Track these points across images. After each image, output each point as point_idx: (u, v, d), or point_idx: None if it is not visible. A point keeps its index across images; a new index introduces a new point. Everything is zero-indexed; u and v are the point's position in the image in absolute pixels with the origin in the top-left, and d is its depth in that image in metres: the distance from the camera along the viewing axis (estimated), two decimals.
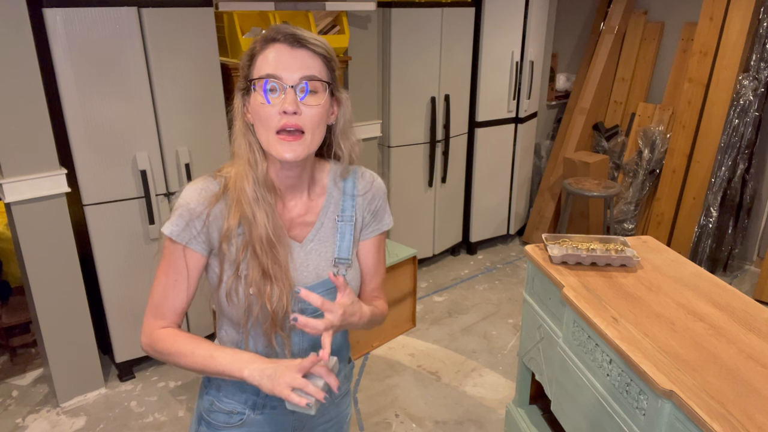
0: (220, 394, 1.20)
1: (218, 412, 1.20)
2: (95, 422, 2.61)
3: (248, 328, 1.11)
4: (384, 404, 2.73)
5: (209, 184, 1.10)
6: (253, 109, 1.06)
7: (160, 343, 1.09)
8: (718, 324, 1.66)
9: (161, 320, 1.11)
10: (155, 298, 1.11)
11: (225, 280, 1.10)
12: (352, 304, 1.06)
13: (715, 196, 3.85)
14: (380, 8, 3.37)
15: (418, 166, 3.80)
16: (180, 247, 1.09)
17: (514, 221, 4.49)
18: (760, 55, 3.70)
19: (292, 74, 1.03)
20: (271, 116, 1.03)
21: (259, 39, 1.07)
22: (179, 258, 1.09)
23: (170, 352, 1.08)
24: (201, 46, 2.66)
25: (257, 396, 1.18)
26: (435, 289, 3.84)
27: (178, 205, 1.09)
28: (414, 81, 3.59)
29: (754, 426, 1.26)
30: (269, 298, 1.07)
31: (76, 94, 2.41)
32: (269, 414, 1.20)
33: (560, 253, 2.01)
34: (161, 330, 1.10)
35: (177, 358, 1.08)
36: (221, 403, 1.20)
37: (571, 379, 1.84)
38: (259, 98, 1.04)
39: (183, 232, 1.08)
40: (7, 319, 2.97)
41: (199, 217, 1.08)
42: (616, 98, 4.54)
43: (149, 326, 1.12)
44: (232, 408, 1.19)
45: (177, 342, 1.08)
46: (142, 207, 2.68)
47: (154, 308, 1.12)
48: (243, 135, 1.09)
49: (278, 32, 1.04)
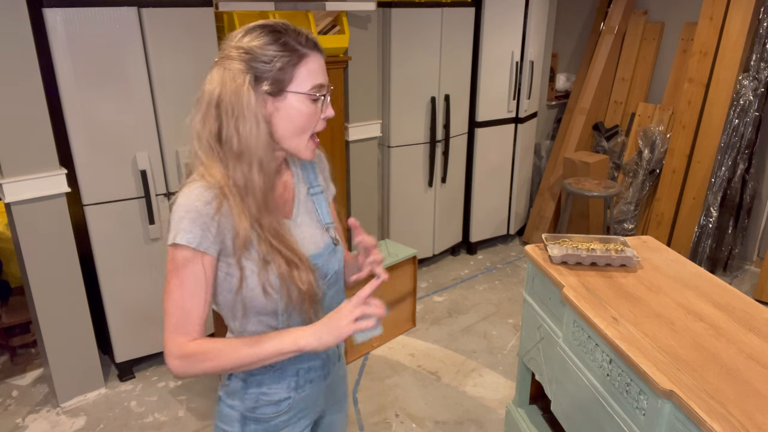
0: (263, 388, 1.21)
1: (266, 405, 1.22)
2: (95, 422, 2.61)
3: (288, 313, 1.14)
4: (384, 404, 2.73)
5: (205, 187, 1.07)
6: (288, 115, 1.09)
7: (195, 356, 1.06)
8: (718, 324, 1.66)
9: (186, 336, 1.07)
10: (176, 315, 1.07)
11: (252, 275, 1.09)
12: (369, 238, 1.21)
13: (715, 196, 3.85)
14: (380, 8, 3.37)
15: (418, 166, 3.80)
16: (199, 255, 1.06)
17: (514, 221, 4.49)
18: (760, 55, 3.70)
19: (327, 82, 1.13)
20: (313, 122, 1.11)
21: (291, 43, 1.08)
22: (197, 267, 1.06)
23: (210, 359, 1.06)
24: (201, 46, 2.66)
25: (297, 376, 1.22)
26: (435, 289, 3.84)
27: (185, 212, 1.05)
28: (414, 81, 3.59)
29: (754, 426, 1.26)
30: (299, 280, 1.11)
31: (76, 94, 2.41)
32: (309, 389, 1.25)
33: (560, 253, 2.01)
34: (191, 344, 1.07)
35: (220, 362, 1.06)
36: (268, 395, 1.21)
37: (571, 379, 1.84)
38: (306, 107, 1.09)
39: (200, 239, 1.05)
40: (7, 319, 2.97)
41: (213, 220, 1.06)
42: (616, 98, 4.54)
43: (176, 345, 1.06)
44: (279, 396, 1.22)
45: (215, 347, 1.06)
46: (142, 207, 2.68)
47: (174, 326, 1.07)
48: (261, 135, 1.08)
49: (309, 41, 1.10)
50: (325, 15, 3.12)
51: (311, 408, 1.29)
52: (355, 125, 3.45)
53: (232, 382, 1.22)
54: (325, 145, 3.28)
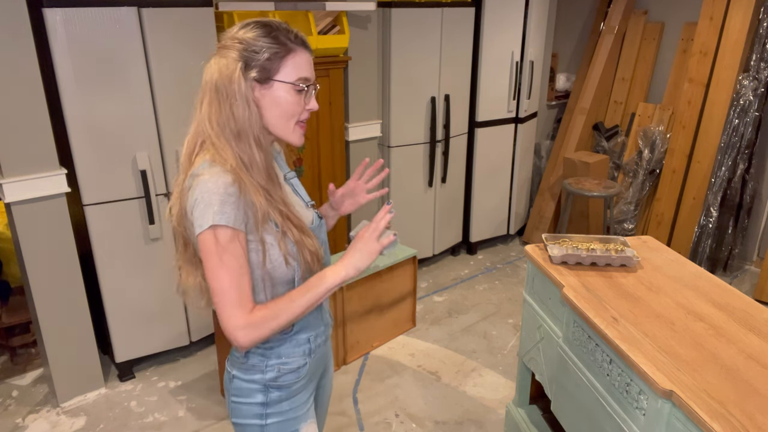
0: (283, 358, 1.32)
1: (287, 374, 1.33)
2: (95, 422, 2.61)
3: (303, 277, 1.26)
4: (384, 404, 2.73)
5: (223, 172, 1.16)
6: (276, 101, 1.21)
7: (260, 322, 1.17)
8: (718, 324, 1.66)
9: (245, 308, 1.17)
10: (231, 295, 1.15)
11: (272, 247, 1.21)
12: None
13: (715, 196, 3.85)
14: (380, 8, 3.37)
15: (418, 166, 3.80)
16: (237, 233, 1.15)
17: (514, 221, 4.49)
18: (760, 55, 3.70)
19: (313, 78, 1.25)
20: (297, 111, 1.23)
21: (281, 38, 1.20)
22: (240, 245, 1.16)
23: (274, 316, 1.17)
24: (201, 46, 2.66)
25: (309, 343, 1.36)
26: (435, 289, 3.84)
27: (217, 195, 1.13)
28: (414, 81, 3.59)
29: (754, 426, 1.26)
30: (309, 244, 1.25)
31: (76, 94, 2.41)
32: (318, 352, 1.40)
33: (560, 253, 2.01)
34: (252, 313, 1.17)
35: (282, 318, 1.18)
36: (288, 364, 1.33)
37: (571, 379, 1.84)
38: (291, 97, 1.21)
39: (235, 218, 1.14)
40: (7, 319, 2.97)
41: (240, 200, 1.15)
42: (616, 98, 4.54)
43: (240, 318, 1.15)
44: (298, 364, 1.34)
45: (275, 308, 1.18)
46: (142, 207, 2.68)
47: (235, 304, 1.15)
48: (253, 116, 1.19)
49: (298, 38, 1.22)
50: (325, 15, 3.12)
51: (318, 370, 1.45)
52: (355, 125, 3.45)
53: (249, 359, 1.32)
54: (325, 145, 3.29)
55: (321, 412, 1.60)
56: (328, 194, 1.53)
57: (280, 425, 1.36)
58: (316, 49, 2.98)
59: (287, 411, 1.36)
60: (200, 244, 1.16)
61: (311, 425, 1.41)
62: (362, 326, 3.08)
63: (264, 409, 1.34)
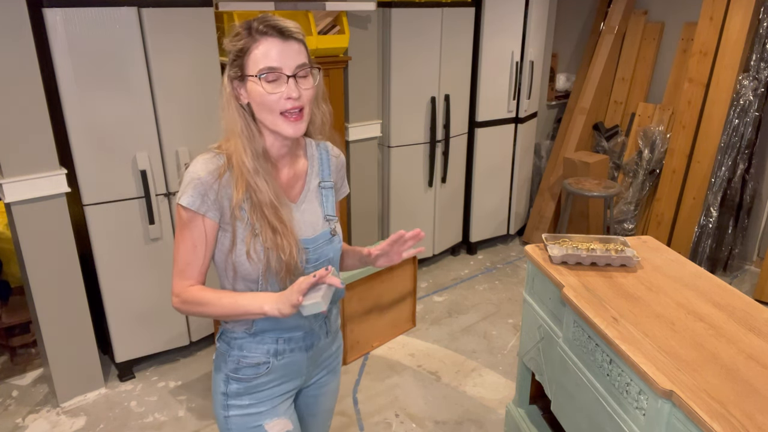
0: (244, 351, 1.35)
1: (246, 367, 1.35)
2: (95, 422, 2.61)
3: (266, 279, 1.27)
4: (384, 404, 2.73)
5: (214, 158, 1.25)
6: (253, 96, 1.22)
7: (190, 297, 1.26)
8: (718, 324, 1.66)
9: (188, 280, 1.27)
10: (179, 263, 1.27)
11: (241, 242, 1.25)
12: None
13: (715, 196, 3.85)
14: (380, 8, 3.37)
15: (418, 166, 3.80)
16: (198, 216, 1.23)
17: (514, 221, 4.49)
18: (760, 55, 3.70)
19: (289, 64, 1.20)
20: (275, 102, 1.21)
21: (244, 30, 1.21)
22: (197, 227, 1.24)
23: (200, 303, 1.25)
24: (201, 46, 2.66)
25: (276, 344, 1.35)
26: (435, 289, 3.84)
27: (190, 179, 1.23)
28: (414, 81, 3.59)
29: (754, 426, 1.26)
30: (282, 250, 1.25)
31: (76, 93, 2.41)
32: (289, 357, 1.38)
33: (560, 253, 2.01)
34: (190, 288, 1.27)
35: (206, 308, 1.25)
36: (248, 358, 1.35)
37: (571, 379, 1.84)
38: (261, 89, 1.20)
39: (200, 203, 1.22)
40: (7, 319, 2.97)
41: (212, 188, 1.22)
42: (616, 98, 4.54)
43: (178, 286, 1.27)
44: (258, 360, 1.35)
45: (205, 295, 1.25)
46: (142, 207, 2.68)
47: (179, 271, 1.27)
48: (238, 115, 1.24)
49: (266, 26, 1.19)
50: (325, 15, 3.12)
51: (294, 375, 1.42)
52: (355, 125, 3.45)
53: (220, 345, 1.39)
54: None
55: (316, 421, 1.58)
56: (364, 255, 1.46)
57: (241, 419, 1.38)
58: (316, 49, 2.98)
59: (248, 406, 1.37)
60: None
61: (279, 423, 1.40)
62: (362, 326, 3.08)
63: (225, 399, 1.38)
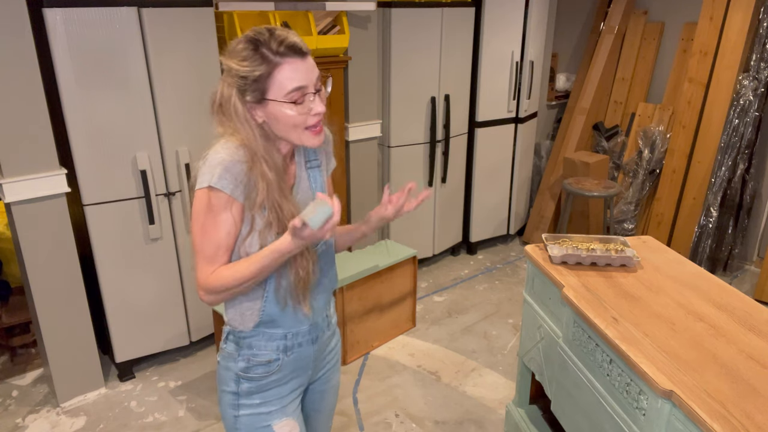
0: (254, 350, 1.35)
1: (257, 365, 1.36)
2: (95, 422, 2.61)
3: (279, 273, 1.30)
4: (384, 404, 2.73)
5: (238, 149, 1.22)
6: (277, 117, 1.22)
7: (215, 284, 1.25)
8: (718, 324, 1.66)
9: (213, 266, 1.26)
10: (208, 249, 1.24)
11: (257, 232, 1.26)
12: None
13: (715, 196, 3.85)
14: (380, 8, 3.37)
15: (418, 166, 3.80)
16: (231, 199, 1.21)
17: (514, 221, 4.49)
18: (760, 55, 3.70)
19: (312, 80, 1.22)
20: (301, 120, 1.23)
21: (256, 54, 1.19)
22: (226, 209, 1.22)
23: (227, 282, 1.24)
24: (201, 46, 2.66)
25: (285, 339, 1.36)
26: (435, 289, 3.84)
27: (219, 162, 1.20)
28: (414, 81, 3.59)
29: (754, 426, 1.26)
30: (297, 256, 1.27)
31: (76, 93, 2.41)
32: (297, 353, 1.39)
33: (560, 253, 2.01)
34: (212, 275, 1.25)
35: (236, 282, 1.24)
36: (258, 357, 1.36)
37: (571, 379, 1.84)
38: (289, 111, 1.21)
39: (233, 187, 1.21)
40: (7, 319, 2.97)
41: (242, 173, 1.21)
42: (616, 98, 4.54)
43: (202, 276, 1.26)
44: (269, 357, 1.36)
45: (228, 272, 1.24)
46: (142, 207, 2.68)
47: (207, 258, 1.25)
48: (258, 135, 1.24)
49: (284, 47, 1.19)
50: (325, 15, 3.12)
51: (301, 371, 1.43)
52: (355, 125, 3.45)
53: (227, 345, 1.38)
54: None
55: (320, 417, 1.59)
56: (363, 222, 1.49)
57: (251, 418, 1.38)
58: (316, 49, 2.98)
59: (258, 405, 1.37)
60: (195, 200, 1.23)
61: (287, 423, 1.41)
62: (362, 326, 3.08)
63: (236, 399, 1.37)
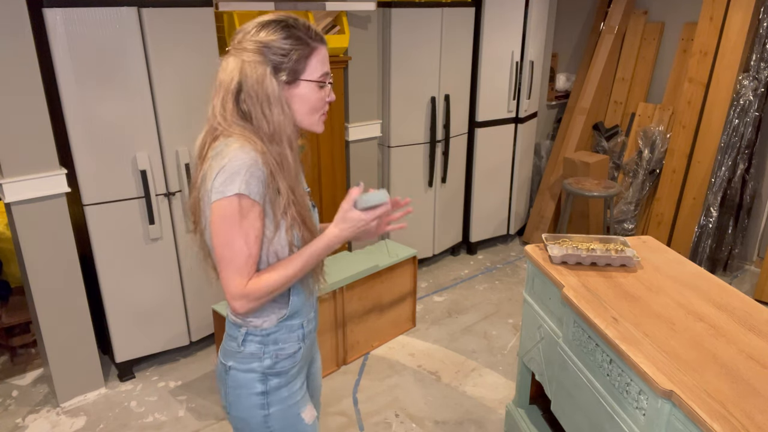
0: (280, 344, 1.36)
1: (284, 359, 1.37)
2: (95, 422, 2.61)
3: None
4: (384, 404, 2.73)
5: (252, 150, 1.20)
6: (304, 99, 1.27)
7: (258, 291, 1.23)
8: (718, 324, 1.66)
9: (246, 277, 1.22)
10: (238, 259, 1.20)
11: (281, 233, 1.26)
12: None
13: (715, 196, 3.85)
14: (380, 8, 3.37)
15: (418, 166, 3.80)
16: (256, 205, 1.20)
17: (514, 221, 4.49)
18: (760, 55, 3.70)
19: (329, 71, 1.31)
20: (321, 105, 1.30)
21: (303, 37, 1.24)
22: (255, 216, 1.21)
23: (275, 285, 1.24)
24: (201, 46, 2.66)
25: (302, 328, 1.39)
26: (435, 289, 3.84)
27: (240, 167, 1.17)
28: (414, 81, 3.59)
29: (754, 426, 1.26)
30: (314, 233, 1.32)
31: (76, 94, 2.41)
32: (310, 337, 1.44)
33: (560, 253, 2.01)
34: (252, 283, 1.23)
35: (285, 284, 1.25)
36: (285, 350, 1.37)
37: (571, 379, 1.84)
38: (320, 92, 1.28)
39: (259, 191, 1.20)
40: (7, 319, 2.97)
41: (264, 175, 1.20)
42: (616, 98, 4.54)
43: (238, 288, 1.21)
44: (294, 348, 1.38)
45: (275, 275, 1.24)
46: (142, 207, 2.68)
47: (239, 269, 1.21)
48: (287, 118, 1.25)
49: (318, 34, 1.27)
50: (325, 15, 3.12)
51: (309, 356, 1.49)
52: (355, 125, 3.45)
53: (247, 347, 1.34)
54: (325, 145, 3.29)
55: (315, 395, 1.62)
56: None
57: (282, 412, 1.38)
58: None
59: (286, 398, 1.39)
60: (218, 210, 1.18)
61: (311, 409, 1.46)
62: (362, 326, 3.08)
63: (265, 398, 1.36)
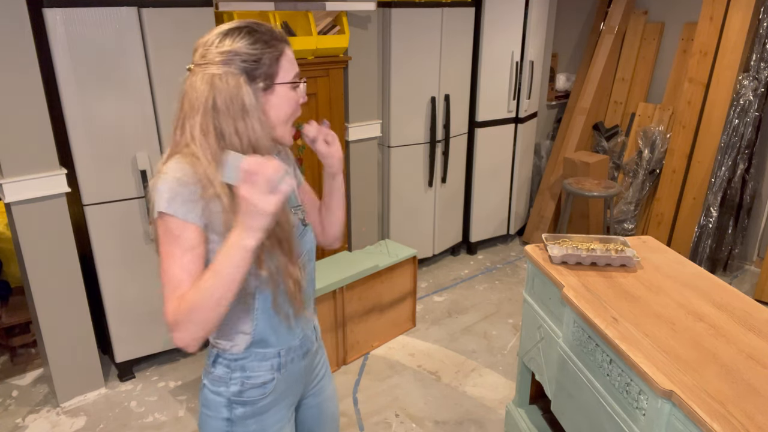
0: (247, 372, 1.25)
1: (251, 389, 1.26)
2: (95, 422, 2.61)
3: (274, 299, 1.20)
4: (384, 404, 2.73)
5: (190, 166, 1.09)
6: (278, 104, 1.16)
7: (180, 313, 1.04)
8: (718, 324, 1.66)
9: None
10: (173, 282, 1.06)
11: None
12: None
13: (715, 196, 3.85)
14: (380, 8, 3.37)
15: (418, 166, 3.80)
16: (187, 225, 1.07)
17: (514, 221, 4.49)
18: (760, 55, 3.70)
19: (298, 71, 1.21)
20: (295, 108, 1.19)
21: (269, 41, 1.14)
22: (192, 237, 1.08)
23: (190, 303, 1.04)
24: None
25: (279, 357, 1.27)
26: (435, 289, 3.84)
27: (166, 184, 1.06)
28: (414, 81, 3.59)
29: (754, 426, 1.26)
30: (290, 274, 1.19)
31: (76, 94, 2.41)
32: (289, 369, 1.31)
33: (560, 253, 2.01)
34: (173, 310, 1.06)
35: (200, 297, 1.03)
36: (252, 379, 1.26)
37: (571, 379, 1.84)
38: (294, 95, 1.18)
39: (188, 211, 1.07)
40: (7, 319, 2.97)
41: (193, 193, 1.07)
42: (616, 98, 4.54)
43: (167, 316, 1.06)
44: (263, 379, 1.27)
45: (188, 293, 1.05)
46: (142, 207, 2.68)
47: (175, 292, 1.06)
48: (266, 128, 1.14)
49: (280, 34, 1.18)
50: (325, 15, 3.12)
51: (293, 389, 1.35)
52: (355, 125, 3.45)
53: (216, 369, 1.26)
54: None
55: (328, 429, 1.52)
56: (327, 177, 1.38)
57: None
58: (316, 49, 2.98)
59: (254, 431, 1.28)
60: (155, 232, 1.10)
61: None
62: (362, 326, 3.08)
63: (230, 426, 1.27)
